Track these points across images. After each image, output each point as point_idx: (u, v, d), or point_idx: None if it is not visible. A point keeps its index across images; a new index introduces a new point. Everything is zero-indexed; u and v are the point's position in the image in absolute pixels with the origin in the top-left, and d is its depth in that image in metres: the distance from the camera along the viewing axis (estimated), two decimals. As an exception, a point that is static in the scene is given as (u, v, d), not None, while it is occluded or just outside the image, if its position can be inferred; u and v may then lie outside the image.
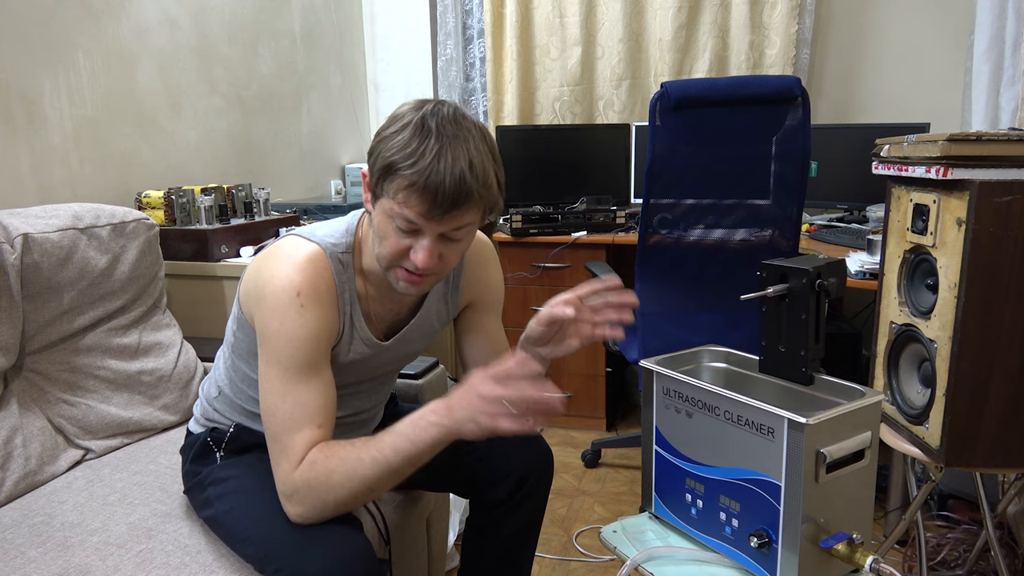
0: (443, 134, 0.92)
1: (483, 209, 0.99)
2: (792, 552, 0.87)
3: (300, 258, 1.02)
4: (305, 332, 1.00)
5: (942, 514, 1.96)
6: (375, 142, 0.97)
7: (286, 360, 1.00)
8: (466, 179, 0.92)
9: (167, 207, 1.93)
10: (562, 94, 3.12)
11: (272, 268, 1.03)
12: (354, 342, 1.11)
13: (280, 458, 0.99)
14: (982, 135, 1.10)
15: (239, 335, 1.14)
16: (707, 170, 1.89)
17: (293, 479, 0.97)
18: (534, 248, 2.65)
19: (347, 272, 1.08)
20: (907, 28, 2.77)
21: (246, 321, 1.09)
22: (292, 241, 1.06)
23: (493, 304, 1.28)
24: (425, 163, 0.91)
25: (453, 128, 0.94)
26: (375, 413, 1.32)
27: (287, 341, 1.00)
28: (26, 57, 1.72)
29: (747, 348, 1.12)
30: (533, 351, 1.10)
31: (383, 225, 0.98)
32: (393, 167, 0.93)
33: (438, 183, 0.91)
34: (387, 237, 0.98)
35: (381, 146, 0.95)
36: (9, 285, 1.35)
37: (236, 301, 1.12)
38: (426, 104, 0.96)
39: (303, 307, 1.00)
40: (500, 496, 1.27)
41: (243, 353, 1.15)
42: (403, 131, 0.93)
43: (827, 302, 0.99)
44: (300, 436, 0.98)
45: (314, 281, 1.01)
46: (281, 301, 1.00)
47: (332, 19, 3.06)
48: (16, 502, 1.29)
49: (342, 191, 3.10)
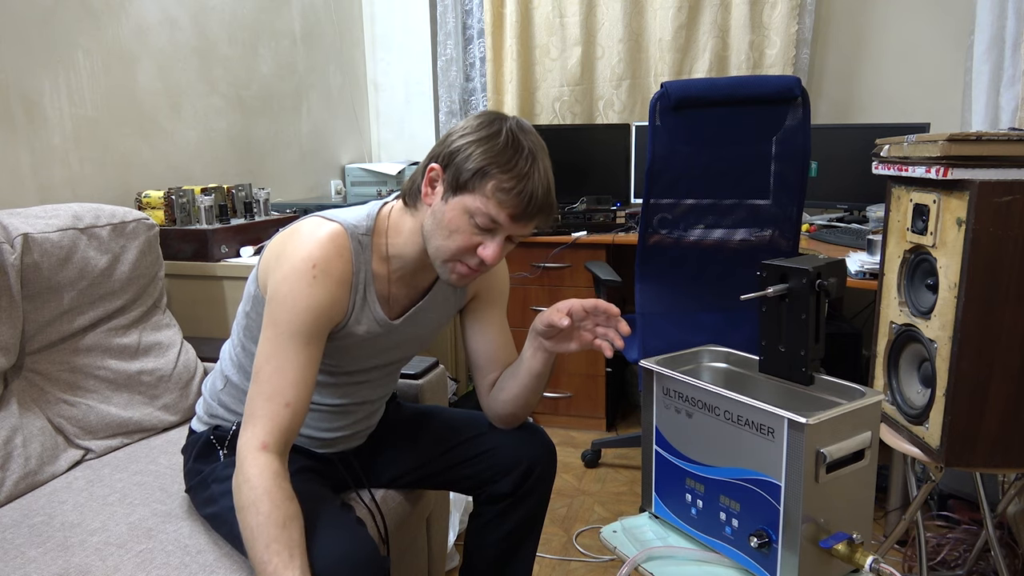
0: (533, 150, 1.05)
1: (548, 220, 1.10)
2: (792, 552, 0.87)
3: (322, 235, 1.07)
4: (308, 303, 1.04)
5: (942, 514, 1.96)
6: (458, 140, 1.05)
7: (282, 324, 1.03)
8: (551, 193, 1.06)
9: (167, 207, 1.93)
10: (562, 94, 3.12)
11: (295, 242, 1.07)
12: (364, 319, 1.14)
13: (247, 422, 1.02)
14: (982, 135, 1.10)
15: (252, 314, 1.16)
16: (707, 170, 1.89)
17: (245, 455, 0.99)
18: (534, 248, 2.65)
19: (365, 253, 1.12)
20: (907, 28, 2.77)
21: (262, 297, 1.11)
22: (314, 220, 1.10)
23: (499, 296, 1.31)
24: (523, 171, 1.02)
25: (535, 144, 1.06)
26: (379, 406, 1.34)
27: (291, 305, 1.03)
28: (26, 57, 1.72)
29: (747, 348, 1.13)
30: (539, 342, 1.19)
31: (457, 220, 1.05)
32: (489, 171, 1.02)
33: (533, 191, 1.03)
34: (458, 232, 1.05)
35: (470, 148, 1.03)
36: (9, 285, 1.35)
37: (253, 279, 1.15)
38: (504, 117, 1.07)
39: (315, 279, 1.04)
40: (504, 490, 1.28)
41: (255, 333, 1.15)
42: (494, 138, 1.03)
43: (827, 302, 0.99)
44: (269, 407, 1.01)
45: (331, 256, 1.06)
46: (296, 269, 1.04)
47: (332, 19, 3.06)
48: (16, 502, 1.29)
49: (342, 191, 3.10)
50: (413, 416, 1.41)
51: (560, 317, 1.11)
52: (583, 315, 1.14)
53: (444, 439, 1.34)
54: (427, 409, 1.43)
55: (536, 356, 1.20)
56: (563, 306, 1.13)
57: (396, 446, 1.36)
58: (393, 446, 1.36)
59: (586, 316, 1.14)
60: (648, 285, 1.99)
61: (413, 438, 1.36)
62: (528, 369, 1.21)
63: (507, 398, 1.26)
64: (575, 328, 1.16)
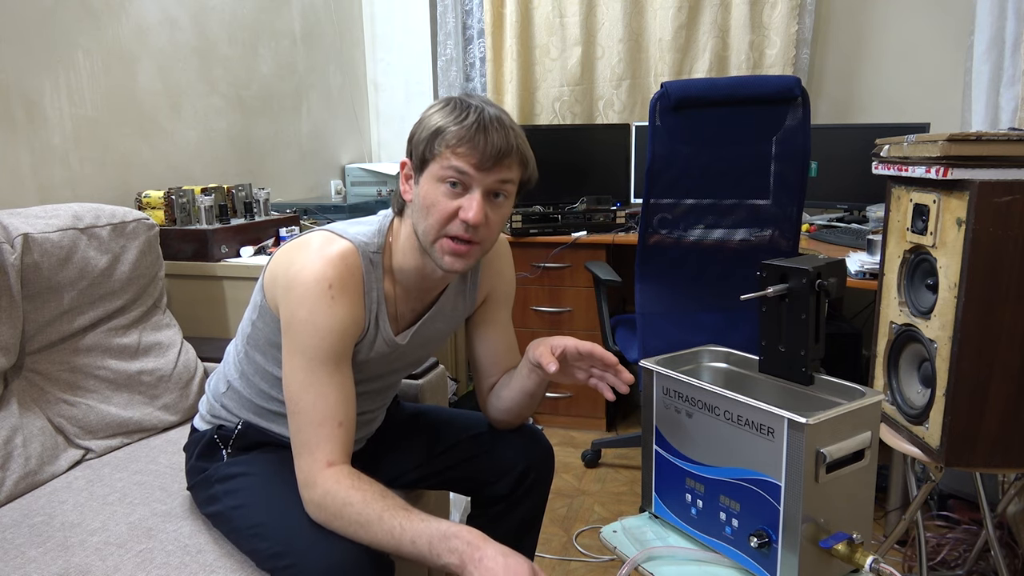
0: (480, 102, 1.04)
1: (522, 167, 1.07)
2: (792, 552, 0.87)
3: (333, 253, 1.04)
4: (331, 324, 1.02)
5: (942, 514, 1.96)
6: (415, 128, 1.06)
7: (311, 350, 1.02)
8: (508, 130, 1.03)
9: (167, 207, 1.93)
10: (562, 94, 3.12)
11: (304, 259, 1.04)
12: (377, 341, 1.13)
13: (302, 451, 1.01)
14: (982, 135, 1.10)
15: (259, 324, 1.14)
16: (707, 170, 1.89)
17: (314, 477, 0.99)
18: (534, 248, 2.65)
19: (376, 271, 1.10)
20: (907, 28, 2.77)
21: (269, 309, 1.10)
22: (325, 236, 1.08)
23: (507, 297, 1.30)
24: (472, 119, 1.01)
25: (483, 101, 1.05)
26: (378, 415, 1.32)
27: (314, 330, 1.01)
28: (26, 57, 1.72)
29: (747, 348, 1.12)
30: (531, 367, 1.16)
31: (430, 193, 1.03)
32: (441, 129, 1.02)
33: (487, 133, 1.01)
34: (436, 203, 1.03)
35: (422, 124, 1.05)
36: (9, 285, 1.35)
37: (259, 289, 1.13)
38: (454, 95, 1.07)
39: (333, 299, 1.02)
40: (501, 492, 1.28)
41: (260, 343, 1.15)
42: (440, 107, 1.05)
43: (827, 302, 0.99)
44: (322, 432, 1.01)
45: (344, 277, 1.04)
46: (312, 291, 1.02)
47: (332, 19, 3.06)
48: (16, 502, 1.29)
49: (342, 191, 3.10)
50: (412, 416, 1.40)
51: (548, 362, 1.08)
52: (577, 356, 1.12)
53: (442, 440, 1.33)
54: (426, 409, 1.43)
55: (530, 377, 1.18)
56: (557, 345, 1.11)
57: (395, 447, 1.36)
58: (392, 447, 1.36)
59: (580, 358, 1.12)
60: (648, 285, 1.99)
61: (411, 439, 1.36)
62: (522, 388, 1.20)
63: (502, 407, 1.26)
64: (568, 365, 1.14)
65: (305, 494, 1.01)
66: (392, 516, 0.95)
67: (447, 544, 0.92)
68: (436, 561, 0.93)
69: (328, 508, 0.98)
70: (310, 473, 1.00)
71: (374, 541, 0.96)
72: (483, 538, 0.92)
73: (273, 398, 1.18)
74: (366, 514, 0.95)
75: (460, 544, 0.91)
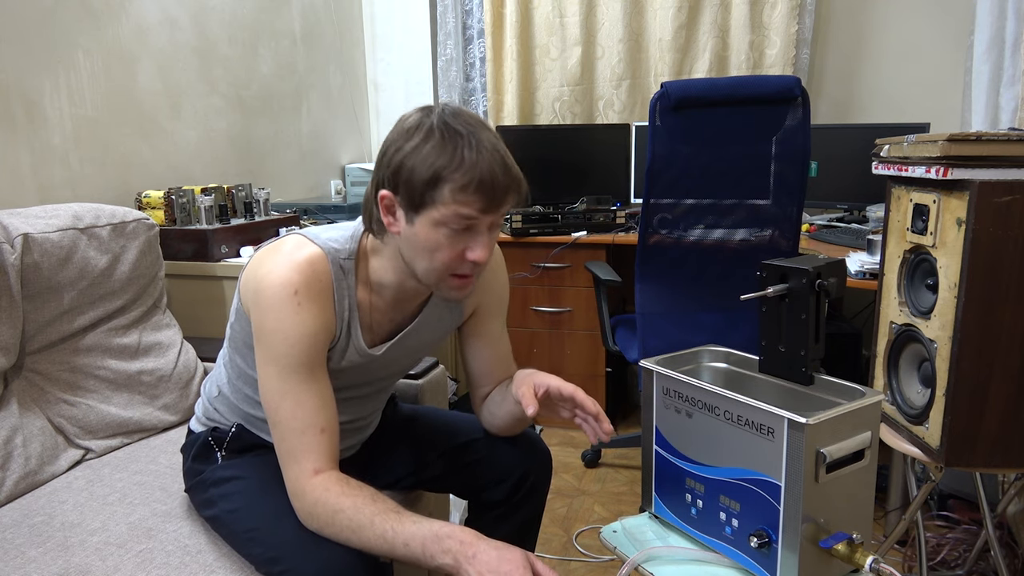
0: (471, 131, 0.96)
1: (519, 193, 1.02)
2: (792, 552, 0.87)
3: (300, 259, 1.02)
4: (300, 331, 1.00)
5: (942, 514, 1.96)
6: (396, 157, 0.97)
7: (283, 358, 1.00)
8: (509, 167, 0.97)
9: (167, 207, 1.93)
10: (562, 94, 3.12)
11: (271, 264, 1.02)
12: (348, 351, 1.10)
13: (288, 460, 1.01)
14: (982, 135, 1.10)
15: (236, 327, 1.13)
16: (707, 170, 1.89)
17: (303, 487, 0.99)
18: (534, 248, 2.65)
19: (348, 279, 1.07)
20: (907, 28, 2.77)
21: (244, 313, 1.09)
22: (295, 240, 1.05)
23: (498, 307, 1.27)
24: (472, 160, 0.94)
25: (471, 123, 0.97)
26: (372, 420, 1.31)
27: (283, 339, 1.00)
28: (26, 57, 1.72)
29: (747, 348, 1.12)
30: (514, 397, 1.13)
31: (431, 237, 0.98)
32: (439, 176, 0.94)
33: (492, 176, 0.95)
34: (440, 248, 0.98)
35: (410, 161, 0.95)
36: (9, 285, 1.35)
37: (237, 292, 1.12)
38: (430, 110, 0.98)
39: (300, 305, 1.00)
40: (498, 497, 1.27)
41: (239, 345, 1.14)
42: (428, 139, 0.95)
43: (827, 302, 0.99)
44: (305, 440, 0.99)
45: (311, 282, 1.01)
46: (278, 297, 1.00)
47: (332, 19, 3.06)
48: (16, 502, 1.29)
49: (342, 191, 3.10)
50: (409, 420, 1.39)
51: (528, 404, 1.05)
52: (560, 397, 1.10)
53: (439, 443, 1.32)
54: (423, 412, 1.42)
55: (518, 406, 1.14)
56: (540, 384, 1.08)
57: (392, 450, 1.35)
58: (389, 451, 1.35)
59: (563, 399, 1.10)
60: (648, 285, 1.99)
61: (409, 442, 1.35)
62: (511, 413, 1.20)
63: (496, 424, 1.25)
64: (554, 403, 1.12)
65: (295, 504, 1.00)
66: (384, 520, 0.94)
67: (440, 545, 0.91)
68: (430, 563, 0.92)
69: (319, 516, 0.97)
70: (298, 483, 0.99)
71: (367, 546, 0.95)
72: (476, 536, 0.92)
73: (258, 403, 1.14)
74: (357, 520, 0.95)
75: (453, 544, 0.91)
